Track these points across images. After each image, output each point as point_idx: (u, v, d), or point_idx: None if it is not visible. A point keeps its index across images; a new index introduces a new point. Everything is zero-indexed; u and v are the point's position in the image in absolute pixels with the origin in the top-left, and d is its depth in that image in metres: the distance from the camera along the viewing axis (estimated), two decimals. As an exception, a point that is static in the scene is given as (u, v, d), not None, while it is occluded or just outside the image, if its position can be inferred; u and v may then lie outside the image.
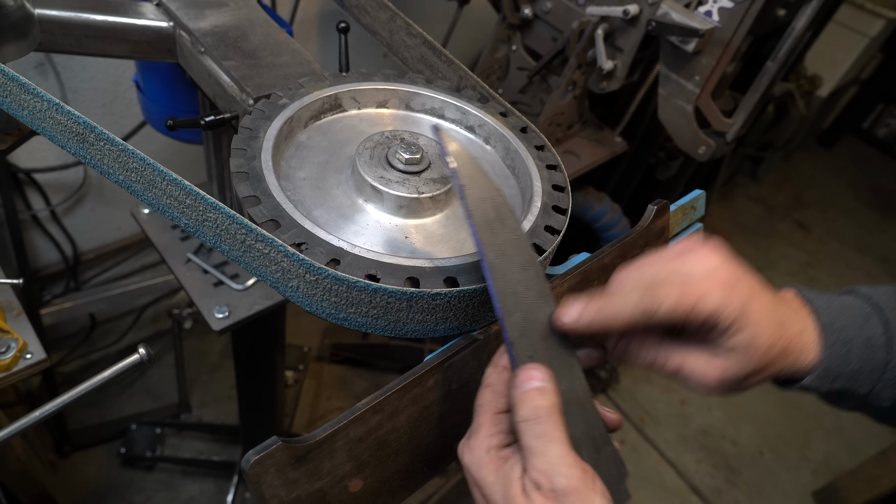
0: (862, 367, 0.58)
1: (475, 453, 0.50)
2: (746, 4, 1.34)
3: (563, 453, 0.46)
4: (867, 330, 0.59)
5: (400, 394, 0.57)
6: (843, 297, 0.62)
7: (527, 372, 0.50)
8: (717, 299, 0.52)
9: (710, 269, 0.54)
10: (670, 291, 0.52)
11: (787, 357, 0.57)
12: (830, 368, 0.58)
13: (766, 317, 0.54)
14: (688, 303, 0.52)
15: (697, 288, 0.52)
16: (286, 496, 0.52)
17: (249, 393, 1.72)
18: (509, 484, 0.47)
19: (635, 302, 0.53)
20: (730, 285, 0.53)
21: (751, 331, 0.53)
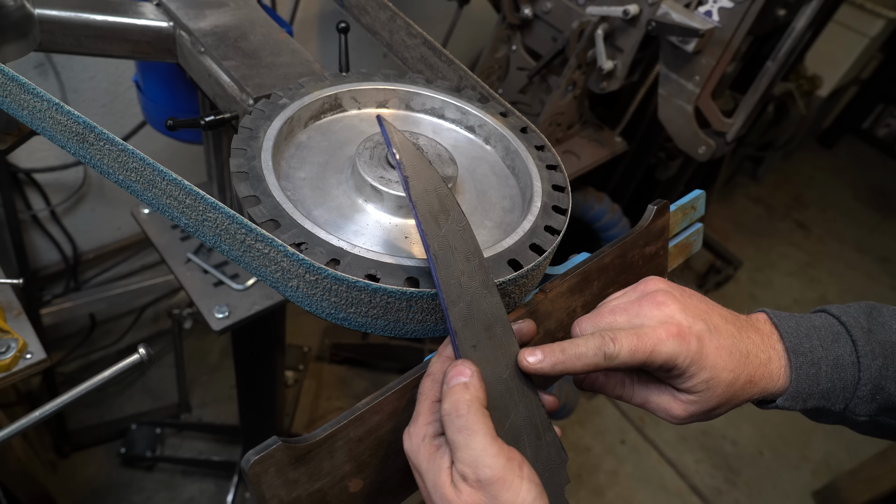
0: (833, 385, 0.60)
1: (413, 440, 0.53)
2: (746, 4, 1.34)
3: (485, 444, 0.48)
4: (836, 350, 0.61)
5: (400, 394, 0.57)
6: (815, 317, 0.64)
7: (455, 368, 0.52)
8: (670, 347, 0.56)
9: (663, 319, 0.57)
10: (627, 340, 0.55)
11: (754, 385, 0.60)
12: (800, 389, 0.60)
13: (725, 355, 0.58)
14: (644, 350, 0.55)
15: (651, 337, 0.56)
16: (286, 496, 0.52)
17: (249, 393, 1.72)
18: (438, 473, 0.49)
19: (595, 347, 0.55)
20: (680, 335, 0.56)
21: (709, 373, 0.57)
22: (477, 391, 0.51)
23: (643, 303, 0.59)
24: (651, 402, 0.62)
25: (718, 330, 0.58)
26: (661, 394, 0.61)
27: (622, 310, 0.59)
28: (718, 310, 0.61)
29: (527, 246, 0.67)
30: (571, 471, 2.41)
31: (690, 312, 0.58)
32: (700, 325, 0.57)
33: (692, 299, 0.60)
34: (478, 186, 0.77)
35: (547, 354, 0.55)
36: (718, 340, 0.58)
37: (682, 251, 0.85)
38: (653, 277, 0.63)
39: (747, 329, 0.61)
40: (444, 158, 0.73)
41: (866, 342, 0.60)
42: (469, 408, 0.49)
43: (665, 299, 0.58)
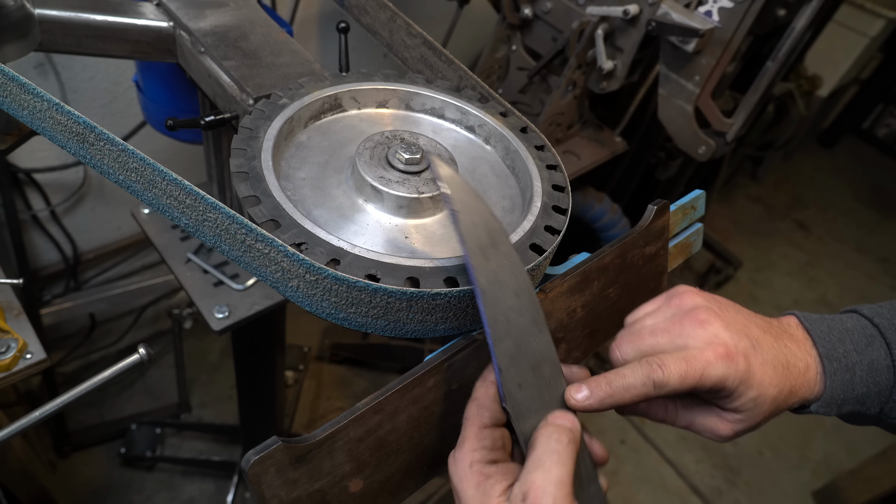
0: (868, 390, 0.59)
1: (459, 466, 0.52)
2: (746, 4, 1.34)
3: (563, 479, 0.47)
4: (870, 354, 0.59)
5: (400, 394, 0.57)
6: (846, 319, 0.62)
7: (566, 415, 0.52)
8: (720, 370, 0.54)
9: (708, 339, 0.55)
10: (676, 366, 0.53)
11: (795, 396, 0.59)
12: (835, 395, 0.59)
13: (770, 371, 0.56)
14: (694, 376, 0.54)
15: (699, 360, 0.54)
16: (286, 496, 0.52)
17: (249, 393, 1.72)
18: (487, 500, 0.49)
19: (644, 377, 0.54)
20: (728, 356, 0.54)
21: (756, 391, 0.55)
22: (579, 435, 0.51)
23: (685, 322, 0.57)
24: (696, 423, 0.60)
25: (760, 344, 0.57)
26: (707, 415, 0.60)
27: (663, 330, 0.57)
28: (755, 319, 0.59)
29: (527, 246, 0.67)
30: (571, 471, 2.42)
31: (734, 329, 0.56)
32: (745, 342, 0.56)
33: (730, 312, 0.58)
34: (478, 186, 0.77)
35: (593, 389, 0.54)
36: (762, 356, 0.56)
37: (682, 251, 0.85)
38: (685, 289, 0.60)
39: (783, 337, 0.59)
40: (444, 158, 0.73)
41: None
42: (570, 442, 0.49)
43: (707, 317, 0.56)
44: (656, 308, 0.61)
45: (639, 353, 0.57)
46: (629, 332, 0.60)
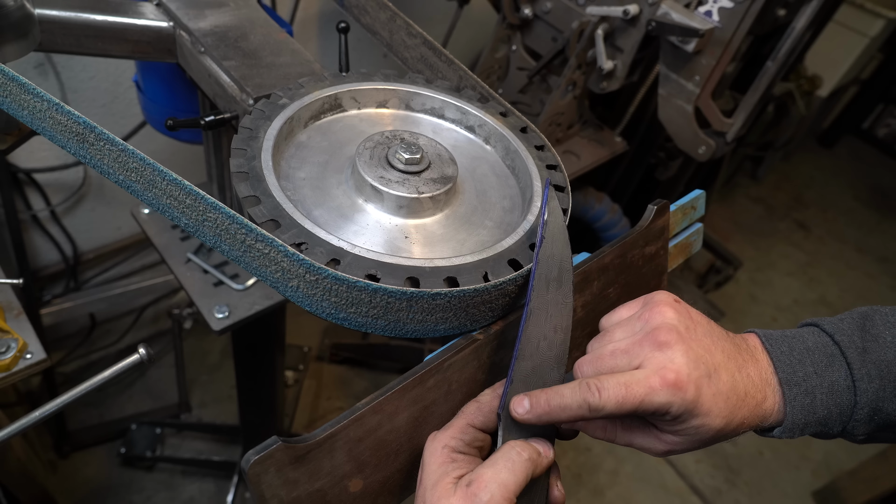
0: (829, 412, 0.58)
1: (434, 444, 0.56)
2: (746, 4, 1.34)
3: (508, 484, 0.50)
4: (830, 375, 0.58)
5: (400, 394, 0.57)
6: (807, 336, 0.61)
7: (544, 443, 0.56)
8: (663, 397, 0.53)
9: (662, 363, 0.54)
10: (615, 391, 0.53)
11: (744, 426, 0.58)
12: (796, 421, 0.58)
13: (721, 402, 0.55)
14: (632, 402, 0.53)
15: (642, 386, 0.53)
16: (286, 496, 0.52)
17: (249, 393, 1.72)
18: (444, 476, 0.53)
19: (580, 399, 0.54)
20: (677, 384, 0.53)
21: (700, 420, 0.55)
22: (549, 463, 0.55)
23: (644, 342, 0.56)
24: (635, 443, 0.61)
25: (718, 372, 0.56)
26: (646, 435, 0.60)
27: (623, 352, 0.57)
28: (722, 344, 0.58)
29: (527, 246, 0.67)
30: (571, 470, 2.42)
31: (693, 354, 0.55)
32: (700, 370, 0.54)
33: (697, 333, 0.57)
34: (478, 186, 0.77)
35: (533, 405, 0.55)
36: (717, 386, 0.55)
37: (682, 251, 0.85)
38: (660, 299, 0.59)
39: (747, 363, 0.58)
40: (444, 158, 0.73)
41: (861, 364, 0.58)
42: (529, 460, 0.52)
43: (668, 338, 0.55)
44: (627, 318, 0.60)
45: (598, 374, 0.57)
46: (593, 350, 0.60)
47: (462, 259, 0.63)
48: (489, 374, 0.64)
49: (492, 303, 0.62)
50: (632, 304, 0.62)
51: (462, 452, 0.55)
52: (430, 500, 0.52)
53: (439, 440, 0.56)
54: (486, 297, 0.61)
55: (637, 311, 0.60)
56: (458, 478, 0.52)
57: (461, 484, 0.51)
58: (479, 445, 0.57)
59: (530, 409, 0.55)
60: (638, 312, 0.59)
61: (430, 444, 0.56)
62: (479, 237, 0.70)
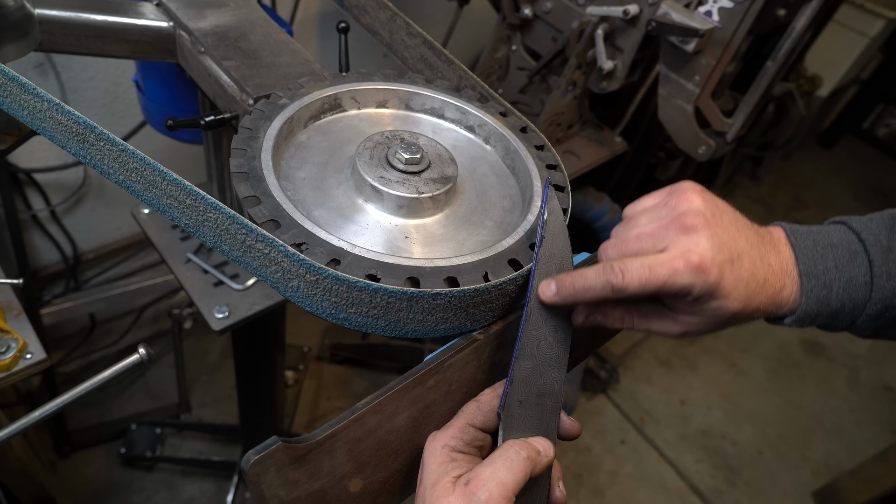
0: (843, 306, 0.59)
1: (434, 444, 0.56)
2: (746, 4, 1.34)
3: (506, 482, 0.50)
4: (850, 270, 0.59)
5: (400, 394, 0.57)
6: (833, 232, 0.61)
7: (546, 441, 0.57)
8: (686, 279, 0.54)
9: (687, 246, 0.55)
10: (638, 273, 0.55)
11: (759, 313, 0.59)
12: (809, 311, 0.59)
13: (742, 287, 0.56)
14: (655, 283, 0.54)
15: (665, 268, 0.54)
16: (286, 496, 0.52)
17: (249, 393, 1.72)
18: (443, 476, 0.53)
19: (603, 282, 0.56)
20: (701, 266, 0.54)
21: (719, 303, 0.56)
22: (549, 462, 0.55)
23: (671, 227, 0.57)
24: (653, 327, 0.62)
25: (741, 258, 0.56)
26: (663, 320, 0.61)
27: (648, 236, 0.58)
28: (746, 233, 0.59)
29: (527, 245, 0.67)
30: (571, 470, 2.42)
31: (718, 240, 0.56)
32: (724, 254, 0.55)
33: (723, 221, 0.58)
34: (478, 186, 0.77)
35: (560, 288, 0.58)
36: (738, 271, 0.56)
37: (682, 251, 0.85)
38: (687, 186, 0.60)
39: (769, 253, 0.59)
40: (444, 158, 0.73)
41: (883, 262, 0.58)
42: (528, 459, 0.53)
43: (695, 223, 0.56)
44: (653, 205, 0.61)
45: (622, 257, 0.58)
46: (617, 235, 0.61)
47: (462, 259, 0.63)
48: (489, 374, 0.64)
49: (492, 303, 0.62)
50: (657, 194, 0.62)
51: (462, 452, 0.56)
52: (430, 499, 0.52)
53: (439, 440, 0.56)
54: (487, 297, 0.61)
55: (663, 199, 0.60)
56: (458, 477, 0.52)
57: (460, 483, 0.51)
58: (479, 445, 0.58)
59: (557, 291, 0.58)
60: (664, 200, 0.60)
61: (429, 443, 0.57)
62: (479, 237, 0.70)
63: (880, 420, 2.89)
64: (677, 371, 2.89)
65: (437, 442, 0.56)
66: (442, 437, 0.56)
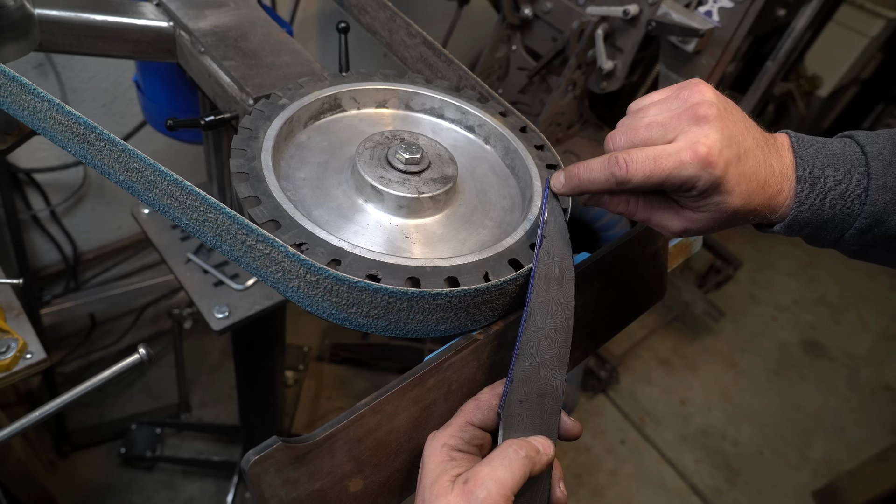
0: (833, 216, 0.59)
1: (433, 443, 0.56)
2: (746, 4, 1.34)
3: (505, 482, 0.50)
4: (848, 181, 0.59)
5: (400, 394, 0.57)
6: (838, 144, 0.61)
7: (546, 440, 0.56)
8: (692, 171, 0.54)
9: (696, 137, 0.55)
10: (643, 165, 0.55)
11: (756, 214, 0.59)
12: (799, 218, 0.59)
13: (744, 184, 0.56)
14: (659, 176, 0.55)
15: (671, 160, 0.54)
16: (286, 496, 0.52)
17: (249, 393, 1.72)
18: (442, 474, 0.53)
19: (607, 174, 0.57)
20: (708, 159, 0.54)
21: (722, 197, 0.56)
22: (549, 461, 0.55)
23: (683, 116, 0.57)
24: (654, 218, 0.62)
25: (747, 155, 0.56)
26: (665, 212, 0.61)
27: (659, 124, 0.57)
28: (754, 131, 0.59)
29: (527, 245, 0.67)
30: (572, 471, 2.42)
31: (728, 132, 0.56)
32: (732, 149, 0.55)
33: (734, 115, 0.58)
34: (478, 186, 0.77)
35: (567, 180, 0.61)
36: (742, 168, 0.56)
37: (682, 251, 0.85)
38: (697, 80, 0.59)
39: (771, 155, 0.59)
40: (443, 158, 0.73)
41: (881, 175, 0.58)
42: (527, 458, 0.52)
43: (708, 113, 0.56)
44: (663, 98, 0.61)
45: (631, 146, 0.58)
46: (625, 125, 0.61)
47: (462, 259, 0.63)
48: (489, 374, 0.64)
49: (492, 302, 0.62)
50: (665, 89, 0.62)
51: (461, 451, 0.56)
52: (428, 497, 0.52)
53: (438, 439, 0.56)
54: (487, 297, 0.61)
55: (674, 92, 0.60)
56: (457, 476, 0.52)
57: (458, 481, 0.51)
58: (479, 444, 0.58)
59: (565, 182, 0.61)
60: (675, 93, 0.60)
61: (429, 443, 0.57)
62: (479, 237, 0.70)
63: (880, 420, 2.89)
64: (677, 371, 2.89)
65: (437, 441, 0.56)
66: (441, 437, 0.56)
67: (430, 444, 0.57)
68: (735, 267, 3.16)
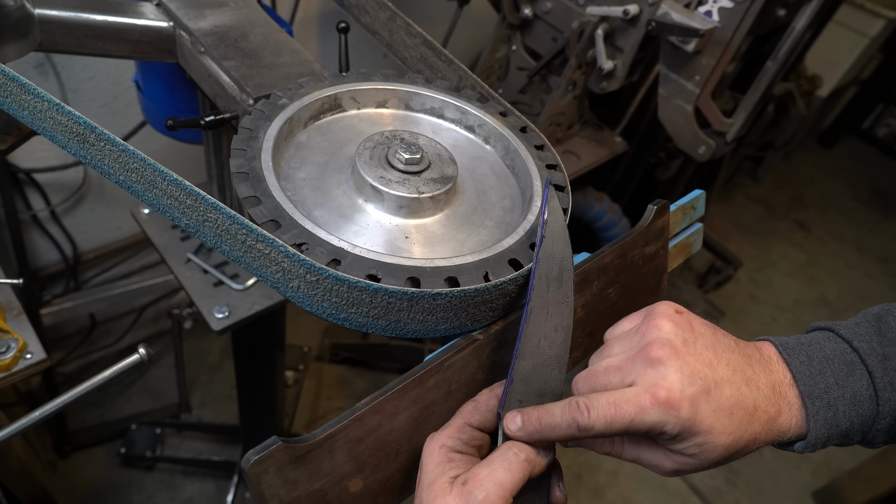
0: (852, 424, 0.56)
1: (432, 444, 0.56)
2: (746, 4, 1.34)
3: (504, 483, 0.50)
4: (852, 384, 0.55)
5: (400, 394, 0.57)
6: (824, 343, 0.58)
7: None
8: (655, 416, 0.51)
9: (653, 381, 0.51)
10: (604, 410, 0.51)
11: (757, 443, 0.55)
12: (819, 435, 0.55)
13: (724, 418, 0.52)
14: (622, 422, 0.51)
15: (632, 405, 0.51)
16: (286, 496, 0.52)
17: (249, 393, 1.72)
18: (440, 475, 0.53)
19: (569, 419, 0.52)
20: (669, 402, 0.50)
21: (702, 438, 0.52)
22: (546, 462, 0.54)
23: (637, 359, 0.53)
24: (643, 459, 0.58)
25: (720, 387, 0.52)
26: (654, 451, 0.56)
27: (616, 369, 0.54)
28: (728, 356, 0.54)
29: (527, 245, 0.67)
30: (572, 471, 2.42)
31: (689, 370, 0.52)
32: (696, 385, 0.51)
33: (696, 347, 0.54)
34: (478, 186, 0.77)
35: (525, 423, 0.54)
36: (718, 401, 0.52)
37: (682, 251, 0.85)
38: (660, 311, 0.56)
39: (757, 375, 0.55)
40: (443, 158, 0.73)
41: (883, 373, 0.55)
42: (526, 461, 0.52)
43: (661, 354, 0.52)
44: (627, 332, 0.58)
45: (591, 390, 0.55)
46: (590, 368, 0.58)
47: (462, 259, 0.63)
48: (489, 374, 0.64)
49: (492, 303, 0.62)
50: (634, 316, 0.59)
51: (460, 452, 0.55)
52: (427, 498, 0.52)
53: (437, 440, 0.56)
54: (487, 297, 0.61)
55: (637, 324, 0.57)
56: (455, 477, 0.52)
57: (457, 483, 0.51)
58: (478, 445, 0.58)
59: (522, 426, 0.54)
60: (637, 325, 0.57)
61: (428, 444, 0.57)
62: (479, 237, 0.70)
63: (880, 420, 2.89)
64: (677, 371, 2.88)
65: (435, 442, 0.56)
66: (440, 438, 0.56)
67: (428, 445, 0.57)
68: (735, 267, 3.17)
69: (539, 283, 0.61)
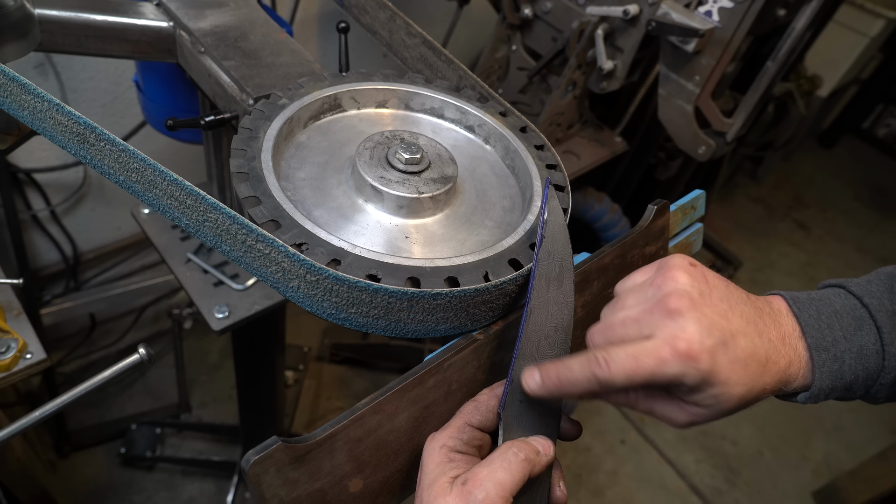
0: (856, 377, 0.57)
1: (432, 444, 0.56)
2: (746, 4, 1.34)
3: (504, 483, 0.50)
4: (859, 339, 0.56)
5: (400, 394, 0.57)
6: (834, 298, 0.59)
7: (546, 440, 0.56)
8: (675, 368, 0.50)
9: (672, 333, 0.51)
10: (624, 364, 0.51)
11: (767, 392, 0.56)
12: (823, 386, 0.56)
13: (740, 369, 0.52)
14: (642, 374, 0.51)
15: (652, 358, 0.50)
16: (286, 496, 0.52)
17: (249, 393, 1.72)
18: (440, 475, 0.53)
19: (588, 374, 0.52)
20: (689, 354, 0.50)
21: (719, 388, 0.52)
22: (548, 462, 0.55)
23: (655, 311, 0.53)
24: (656, 410, 0.58)
25: (736, 338, 0.52)
26: (668, 403, 0.56)
27: (633, 321, 0.54)
28: (741, 308, 0.55)
29: (527, 245, 0.67)
30: (571, 471, 2.42)
31: (707, 321, 0.52)
32: (715, 337, 0.51)
33: (712, 298, 0.54)
34: (478, 186, 0.77)
35: (544, 379, 0.54)
36: (734, 352, 0.52)
37: (682, 251, 0.85)
38: (674, 263, 0.55)
39: (768, 327, 0.56)
40: (443, 158, 0.73)
41: (891, 328, 0.56)
42: (526, 461, 0.52)
43: (679, 305, 0.52)
44: (640, 284, 0.58)
45: (607, 342, 0.55)
46: (605, 320, 0.58)
47: (462, 259, 0.63)
48: (489, 374, 0.64)
49: (492, 302, 0.62)
50: (646, 269, 0.59)
51: (460, 452, 0.55)
52: (427, 499, 0.52)
53: (437, 440, 0.56)
54: (487, 297, 0.61)
55: (650, 277, 0.57)
56: (455, 477, 0.52)
57: (457, 483, 0.51)
58: (478, 445, 0.58)
59: (541, 383, 0.54)
60: (651, 278, 0.56)
61: (428, 444, 0.57)
62: (479, 237, 0.70)
63: (880, 420, 2.89)
64: (677, 371, 2.88)
65: (435, 442, 0.56)
66: (440, 438, 0.56)
67: (428, 445, 0.57)
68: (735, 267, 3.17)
69: (539, 283, 0.61)
